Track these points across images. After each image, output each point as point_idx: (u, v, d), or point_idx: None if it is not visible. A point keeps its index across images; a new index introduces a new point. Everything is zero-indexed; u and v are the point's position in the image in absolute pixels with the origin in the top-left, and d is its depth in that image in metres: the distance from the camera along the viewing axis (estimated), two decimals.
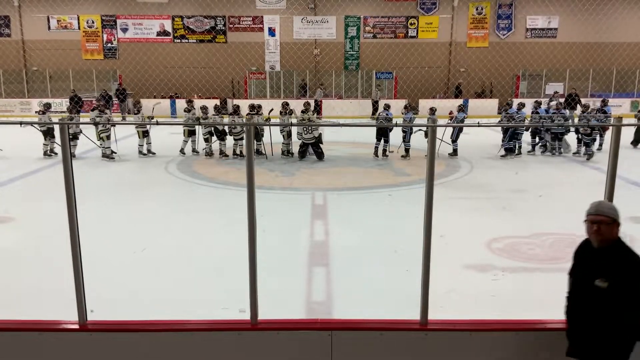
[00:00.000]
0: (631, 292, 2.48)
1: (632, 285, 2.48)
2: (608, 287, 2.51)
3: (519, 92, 24.41)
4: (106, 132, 12.15)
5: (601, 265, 2.59)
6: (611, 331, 2.52)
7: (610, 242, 2.62)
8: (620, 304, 2.48)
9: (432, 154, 3.09)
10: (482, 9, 24.69)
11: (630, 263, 2.54)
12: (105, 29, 24.75)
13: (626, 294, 2.48)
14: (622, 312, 2.47)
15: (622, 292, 2.48)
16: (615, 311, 2.49)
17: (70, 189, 3.07)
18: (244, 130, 10.40)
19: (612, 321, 2.50)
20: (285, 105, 13.26)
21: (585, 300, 2.63)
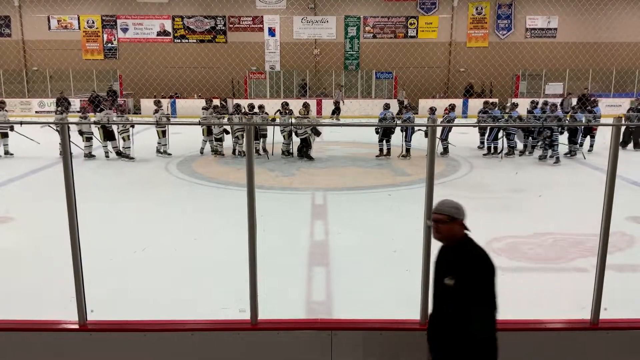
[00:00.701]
0: (475, 289, 2.48)
1: (475, 282, 2.48)
2: (454, 285, 2.52)
3: (519, 92, 24.42)
4: (126, 132, 12.23)
5: (449, 263, 2.61)
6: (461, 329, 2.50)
7: (456, 241, 2.62)
8: (466, 301, 2.48)
9: (432, 154, 3.09)
10: (482, 9, 24.69)
11: (473, 260, 2.54)
12: (105, 29, 24.75)
13: (470, 291, 2.48)
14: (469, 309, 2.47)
15: (467, 289, 2.48)
16: (463, 309, 2.48)
17: (70, 189, 3.07)
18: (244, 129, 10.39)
19: (461, 319, 2.49)
20: (284, 105, 13.28)
21: (439, 299, 2.64)
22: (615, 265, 5.06)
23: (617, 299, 3.60)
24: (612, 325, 3.26)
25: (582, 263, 5.68)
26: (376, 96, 24.27)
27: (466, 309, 2.46)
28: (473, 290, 2.47)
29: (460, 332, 2.49)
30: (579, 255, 5.98)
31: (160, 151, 12.79)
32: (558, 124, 12.12)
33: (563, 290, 5.08)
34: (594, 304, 3.21)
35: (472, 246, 2.61)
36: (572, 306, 3.60)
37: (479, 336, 2.47)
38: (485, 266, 2.54)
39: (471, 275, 2.49)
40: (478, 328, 2.46)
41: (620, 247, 6.12)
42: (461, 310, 2.48)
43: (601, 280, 3.17)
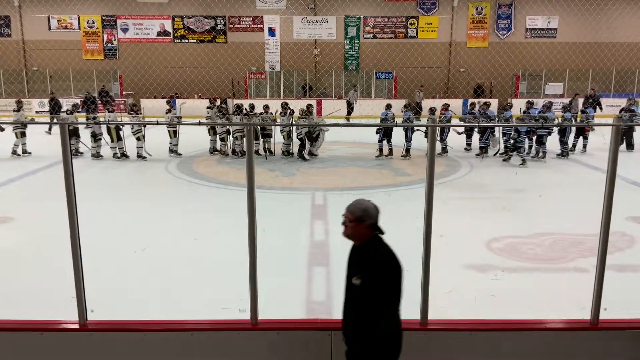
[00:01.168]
0: (378, 288, 2.54)
1: (379, 282, 2.54)
2: (360, 284, 2.58)
3: (519, 92, 24.42)
4: (140, 132, 12.29)
5: (357, 263, 2.67)
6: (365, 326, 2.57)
7: (363, 241, 2.67)
8: (370, 300, 2.55)
9: (432, 154, 3.09)
10: (482, 9, 24.69)
11: (377, 261, 2.60)
12: (105, 29, 24.75)
13: (374, 290, 2.54)
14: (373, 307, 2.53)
15: (371, 288, 2.55)
16: (368, 307, 2.55)
17: (70, 189, 3.07)
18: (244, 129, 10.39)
19: (366, 316, 2.56)
20: (284, 105, 13.30)
21: (348, 296, 2.69)
22: (615, 266, 5.07)
23: (617, 299, 3.60)
24: (612, 325, 3.26)
25: (582, 263, 5.68)
26: (376, 96, 24.27)
27: (370, 307, 2.54)
28: (376, 290, 2.54)
29: (364, 328, 2.56)
30: (578, 255, 5.98)
31: (173, 150, 12.84)
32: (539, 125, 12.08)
33: (563, 290, 5.08)
34: (594, 304, 3.21)
35: (377, 247, 2.66)
36: (572, 306, 3.60)
37: (381, 334, 2.54)
38: (388, 267, 2.60)
39: (375, 276, 2.56)
40: (380, 326, 2.53)
41: (620, 247, 6.12)
42: (366, 308, 2.56)
43: (601, 280, 3.17)
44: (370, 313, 2.54)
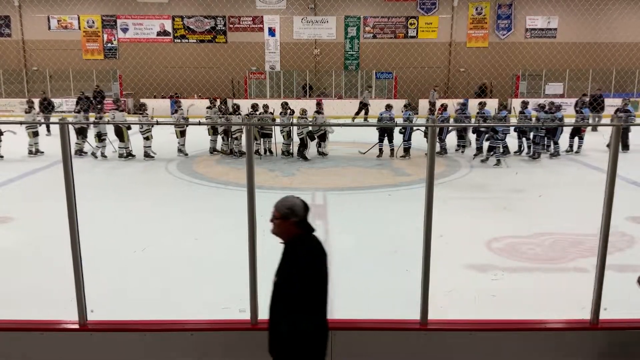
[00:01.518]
0: (293, 289, 2.56)
1: (294, 283, 2.56)
2: (280, 282, 2.60)
3: (519, 92, 24.42)
4: (148, 131, 12.34)
5: (281, 261, 2.68)
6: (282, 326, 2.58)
7: (288, 239, 2.67)
8: (286, 300, 2.57)
9: (432, 154, 3.09)
10: (482, 9, 24.69)
11: (294, 261, 2.60)
12: (105, 29, 24.74)
13: (289, 290, 2.56)
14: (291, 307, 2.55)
15: (287, 288, 2.57)
16: (284, 307, 2.57)
17: (70, 189, 3.07)
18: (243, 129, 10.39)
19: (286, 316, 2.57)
20: (284, 105, 13.30)
21: (272, 296, 2.69)
22: (615, 266, 5.06)
23: (617, 299, 3.60)
24: (612, 325, 3.26)
25: (582, 263, 5.68)
26: (376, 96, 24.26)
27: (289, 306, 2.56)
28: (295, 289, 2.56)
29: (284, 327, 2.58)
30: (578, 255, 5.98)
31: (181, 150, 12.86)
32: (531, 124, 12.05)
33: (563, 290, 5.08)
34: (593, 304, 3.21)
35: (301, 245, 2.65)
36: (572, 306, 3.60)
37: (299, 333, 2.55)
38: (305, 268, 2.60)
39: (293, 275, 2.57)
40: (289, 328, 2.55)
41: (620, 247, 6.12)
42: (285, 307, 2.57)
43: (601, 281, 3.18)
44: (289, 312, 2.54)
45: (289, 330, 2.54)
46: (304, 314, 2.55)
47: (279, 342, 2.61)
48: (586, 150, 13.15)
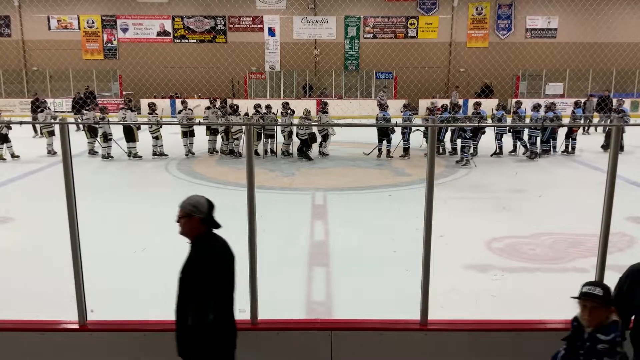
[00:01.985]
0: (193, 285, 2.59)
1: (194, 279, 2.59)
2: (183, 278, 2.64)
3: (519, 92, 24.41)
4: (157, 131, 12.40)
5: (186, 257, 2.71)
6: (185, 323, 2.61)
7: (193, 237, 2.71)
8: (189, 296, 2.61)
9: (432, 154, 3.09)
10: (482, 9, 24.69)
11: (195, 257, 2.65)
12: (105, 29, 24.74)
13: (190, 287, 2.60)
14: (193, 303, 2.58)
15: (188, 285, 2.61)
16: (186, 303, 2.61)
17: (70, 189, 3.07)
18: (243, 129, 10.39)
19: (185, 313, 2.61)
20: (285, 105, 13.31)
21: (177, 293, 2.72)
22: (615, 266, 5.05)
23: None
24: None
25: (582, 263, 5.68)
26: (376, 96, 24.25)
27: (190, 302, 2.59)
28: (191, 287, 2.59)
29: (184, 325, 2.61)
30: (579, 255, 5.98)
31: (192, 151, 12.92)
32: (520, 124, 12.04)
33: (563, 290, 5.06)
34: None
35: (204, 242, 2.69)
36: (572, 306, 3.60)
37: (196, 331, 2.58)
38: (207, 263, 2.63)
39: (191, 272, 2.61)
40: (193, 324, 2.57)
41: (620, 248, 6.12)
42: (187, 304, 2.60)
43: (601, 281, 3.17)
44: (194, 307, 2.57)
45: (195, 324, 2.57)
46: (209, 308, 2.57)
47: (186, 337, 2.63)
48: (586, 151, 13.16)
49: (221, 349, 2.67)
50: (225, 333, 2.68)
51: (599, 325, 2.55)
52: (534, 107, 13.21)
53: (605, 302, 2.56)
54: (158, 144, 12.56)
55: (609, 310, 2.58)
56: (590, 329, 2.57)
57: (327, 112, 13.25)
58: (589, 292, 2.57)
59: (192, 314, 2.58)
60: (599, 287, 2.59)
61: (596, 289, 2.57)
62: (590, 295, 2.56)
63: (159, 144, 12.57)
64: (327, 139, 12.62)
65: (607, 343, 2.50)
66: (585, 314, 2.57)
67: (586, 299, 2.56)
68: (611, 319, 2.56)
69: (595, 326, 2.55)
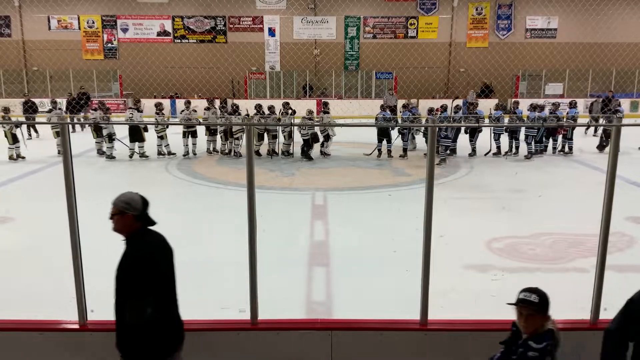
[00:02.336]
0: (128, 282, 2.61)
1: (128, 276, 2.61)
2: (118, 275, 2.65)
3: (519, 92, 24.41)
4: (163, 130, 12.45)
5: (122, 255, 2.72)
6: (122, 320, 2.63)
7: (128, 234, 2.72)
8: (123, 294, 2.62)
9: (431, 154, 3.09)
10: (482, 10, 24.69)
11: (129, 254, 2.66)
12: (105, 29, 24.74)
13: (125, 284, 2.61)
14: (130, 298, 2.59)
15: (123, 282, 2.62)
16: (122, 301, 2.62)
17: (71, 189, 3.07)
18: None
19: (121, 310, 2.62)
20: (286, 105, 13.31)
21: (115, 291, 2.72)
22: (615, 266, 5.06)
23: (617, 300, 3.60)
24: None
25: (581, 263, 5.68)
26: (376, 96, 24.26)
27: (127, 299, 2.60)
28: (127, 284, 2.60)
29: (125, 320, 2.61)
30: (578, 255, 5.98)
31: (194, 152, 12.94)
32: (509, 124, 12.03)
33: (563, 290, 5.06)
34: (593, 304, 3.21)
35: (138, 239, 2.69)
36: (572, 306, 3.60)
37: (133, 328, 2.59)
38: (139, 261, 2.63)
39: (125, 269, 2.62)
40: (131, 321, 2.58)
41: (620, 248, 6.12)
42: (125, 301, 2.61)
43: (601, 281, 3.18)
44: (131, 303, 2.58)
45: (132, 321, 2.58)
46: (147, 304, 2.57)
47: (124, 333, 2.64)
48: (586, 151, 13.16)
49: (159, 345, 2.66)
50: (164, 330, 2.66)
51: (534, 332, 2.52)
52: (532, 107, 13.24)
53: (541, 309, 2.53)
54: (163, 143, 12.66)
55: (545, 318, 2.55)
56: (526, 335, 2.55)
57: (328, 112, 13.26)
58: (525, 299, 2.55)
59: (130, 310, 2.58)
60: (535, 294, 2.57)
61: (532, 296, 2.56)
62: (526, 302, 2.54)
63: (164, 144, 12.66)
64: (328, 139, 12.64)
65: (537, 351, 2.48)
66: (522, 321, 2.55)
67: (522, 306, 2.54)
68: (546, 327, 2.53)
69: (531, 333, 2.53)
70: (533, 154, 12.44)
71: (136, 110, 13.06)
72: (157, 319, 2.60)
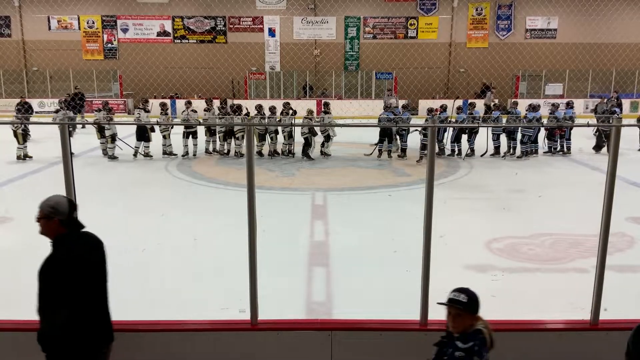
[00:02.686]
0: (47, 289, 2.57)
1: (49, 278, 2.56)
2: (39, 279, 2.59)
3: (519, 92, 24.42)
4: (166, 130, 12.50)
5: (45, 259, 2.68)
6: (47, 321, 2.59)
7: (54, 237, 2.68)
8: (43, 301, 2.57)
9: (432, 154, 3.09)
10: (482, 10, 24.69)
11: (47, 261, 2.62)
12: (105, 29, 24.75)
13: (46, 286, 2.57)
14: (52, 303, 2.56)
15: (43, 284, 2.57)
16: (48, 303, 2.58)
17: (71, 189, 3.07)
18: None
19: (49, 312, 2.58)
20: (286, 105, 13.30)
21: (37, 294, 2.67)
22: (615, 266, 5.06)
23: (617, 300, 3.60)
24: (612, 325, 3.26)
25: (581, 263, 5.68)
26: (376, 97, 24.26)
27: (49, 304, 2.57)
28: (48, 288, 2.56)
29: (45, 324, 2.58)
30: (578, 255, 5.98)
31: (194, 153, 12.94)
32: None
33: (563, 290, 5.08)
34: (593, 304, 3.21)
35: (60, 244, 2.66)
36: (572, 306, 3.60)
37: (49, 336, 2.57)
38: (60, 266, 2.60)
39: (46, 273, 2.58)
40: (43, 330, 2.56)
41: (620, 248, 6.12)
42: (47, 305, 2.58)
43: (601, 281, 3.18)
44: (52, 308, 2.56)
45: (48, 327, 2.56)
46: (60, 315, 2.55)
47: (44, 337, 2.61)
48: (585, 151, 13.15)
49: (78, 348, 2.63)
50: (84, 333, 2.64)
51: (463, 332, 2.52)
52: (530, 107, 13.27)
53: (469, 309, 2.52)
54: (167, 143, 12.71)
55: (474, 318, 2.54)
56: (456, 335, 2.54)
57: (329, 113, 13.25)
58: (454, 299, 2.54)
59: (46, 317, 2.57)
60: (464, 294, 2.56)
61: (461, 296, 2.55)
62: (454, 301, 2.53)
63: (167, 143, 12.71)
64: (329, 139, 12.63)
65: (463, 351, 2.48)
66: (450, 320, 2.55)
67: (450, 305, 2.53)
68: (475, 327, 2.53)
69: (460, 333, 2.53)
70: (528, 153, 12.47)
71: (143, 111, 13.10)
72: (75, 325, 2.58)
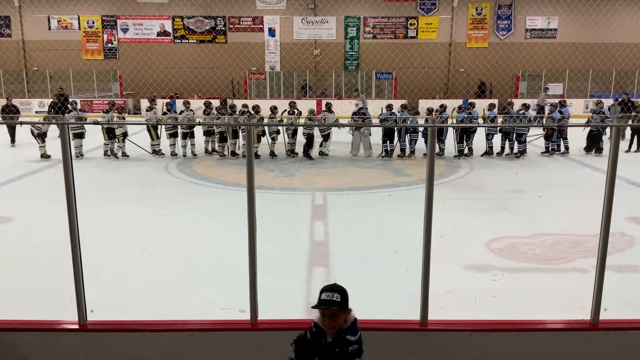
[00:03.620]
0: None
1: None
2: None
3: (519, 92, 24.41)
4: (171, 130, 12.57)
5: None
6: None
7: None
8: None
9: (432, 154, 3.09)
10: (482, 10, 24.69)
11: None
12: (105, 29, 24.74)
13: None
14: None
15: None
16: None
17: (70, 188, 3.07)
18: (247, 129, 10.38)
19: None
20: (292, 105, 13.30)
21: None
22: (615, 266, 5.07)
23: (617, 300, 3.60)
24: (612, 325, 3.26)
25: (582, 263, 5.68)
26: (376, 97, 24.26)
27: None
28: None
29: None
30: (578, 255, 5.98)
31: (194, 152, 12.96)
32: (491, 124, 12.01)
33: (563, 290, 5.08)
34: (593, 304, 3.21)
35: None
36: (572, 306, 3.60)
37: None
38: None
39: None
40: None
41: (620, 248, 6.12)
42: None
43: (601, 281, 3.17)
44: None
45: None
46: None
47: None
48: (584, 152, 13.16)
49: None
50: None
51: (340, 328, 2.49)
52: (525, 107, 13.31)
53: (343, 305, 2.48)
54: (170, 142, 12.79)
55: (347, 312, 2.51)
56: (333, 334, 2.50)
57: (332, 112, 13.23)
58: (328, 300, 2.47)
59: None
60: (337, 292, 2.50)
61: (334, 295, 2.48)
62: (330, 303, 2.47)
63: (169, 143, 12.79)
64: (327, 139, 12.63)
65: (356, 343, 2.47)
66: (325, 321, 2.50)
67: (326, 308, 2.48)
68: (352, 318, 2.51)
69: (338, 329, 2.49)
70: (523, 152, 12.50)
71: (149, 110, 13.21)
72: None
